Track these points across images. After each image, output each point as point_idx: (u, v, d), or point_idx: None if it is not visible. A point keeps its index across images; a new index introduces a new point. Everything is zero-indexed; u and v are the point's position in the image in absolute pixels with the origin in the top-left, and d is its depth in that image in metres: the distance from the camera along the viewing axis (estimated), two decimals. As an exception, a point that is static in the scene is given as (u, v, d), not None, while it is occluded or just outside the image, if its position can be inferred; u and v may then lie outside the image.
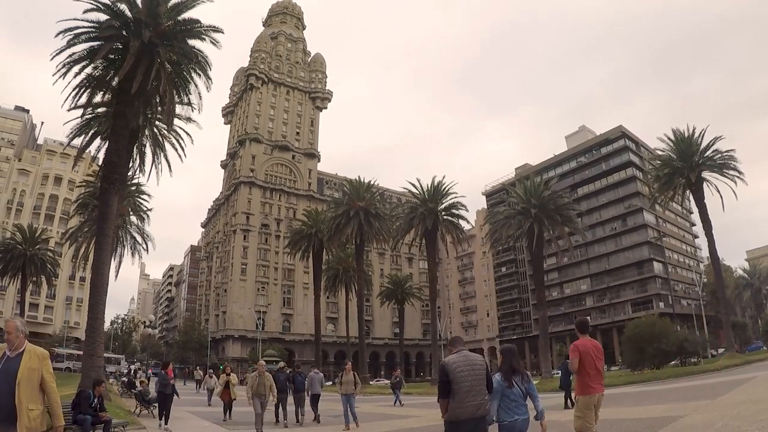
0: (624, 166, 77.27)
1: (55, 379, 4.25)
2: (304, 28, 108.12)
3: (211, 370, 31.94)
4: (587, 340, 6.73)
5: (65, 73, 19.38)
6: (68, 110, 19.87)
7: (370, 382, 46.24)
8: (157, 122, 24.12)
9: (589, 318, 76.50)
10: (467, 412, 4.97)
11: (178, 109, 21.60)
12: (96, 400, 10.10)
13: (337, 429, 13.20)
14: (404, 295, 64.80)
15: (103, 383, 11.13)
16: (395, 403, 23.48)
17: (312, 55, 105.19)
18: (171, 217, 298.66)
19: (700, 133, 38.69)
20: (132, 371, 35.95)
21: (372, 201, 47.64)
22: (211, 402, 21.80)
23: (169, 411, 13.85)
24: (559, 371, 18.54)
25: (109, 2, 19.40)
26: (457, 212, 45.43)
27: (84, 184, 38.59)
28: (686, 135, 38.94)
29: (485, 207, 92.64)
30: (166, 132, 24.39)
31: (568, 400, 16.13)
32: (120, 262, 36.16)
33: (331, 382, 43.32)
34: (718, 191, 37.64)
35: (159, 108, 21.28)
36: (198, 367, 49.38)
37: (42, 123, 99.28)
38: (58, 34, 18.88)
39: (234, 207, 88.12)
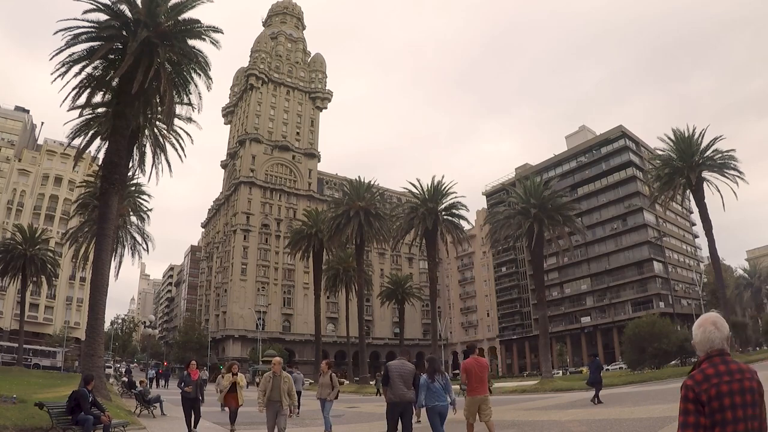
0: (624, 165, 77.20)
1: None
2: (304, 28, 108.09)
3: (223, 371, 29.91)
4: (473, 359, 9.02)
5: (65, 73, 19.37)
6: (68, 110, 19.90)
7: (371, 382, 46.17)
8: (157, 122, 24.12)
9: (589, 318, 76.63)
10: (397, 397, 7.93)
11: (178, 109, 21.65)
12: (91, 396, 10.05)
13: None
14: (404, 295, 64.73)
15: (93, 378, 11.01)
16: None
17: (312, 55, 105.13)
18: (171, 217, 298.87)
19: (701, 133, 38.68)
20: (126, 371, 35.74)
21: (372, 201, 47.59)
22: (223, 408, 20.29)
23: (197, 420, 11.79)
24: (589, 369, 18.88)
25: (109, 2, 19.40)
26: (457, 212, 45.41)
27: (84, 184, 38.57)
28: (686, 135, 38.89)
29: (485, 207, 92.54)
30: (166, 132, 24.37)
31: (596, 398, 16.56)
32: (120, 262, 36.23)
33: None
34: (719, 191, 37.63)
35: (159, 108, 21.28)
36: (204, 368, 49.09)
37: (42, 123, 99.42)
38: (56, 32, 18.88)
39: (234, 207, 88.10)
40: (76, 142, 23.23)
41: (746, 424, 2.17)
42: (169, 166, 25.40)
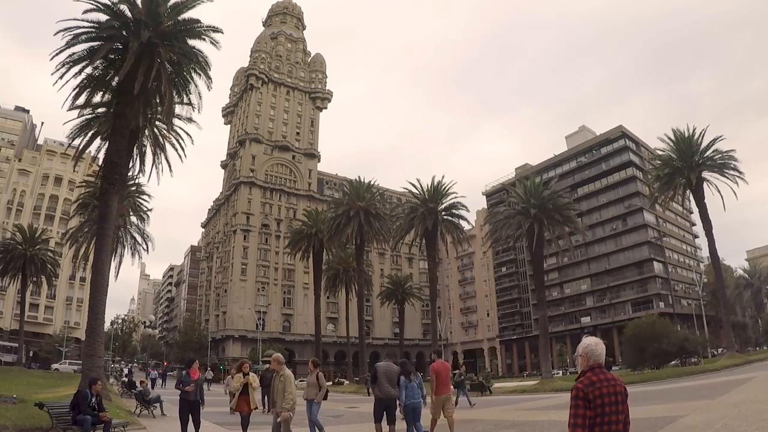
0: (624, 166, 77.16)
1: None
2: (304, 29, 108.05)
3: (233, 371, 25.04)
4: (440, 362, 10.60)
5: (65, 73, 19.32)
6: (68, 110, 19.86)
7: (370, 382, 46.12)
8: (157, 122, 24.08)
9: (589, 318, 76.54)
10: (384, 394, 9.32)
11: (179, 109, 21.62)
12: (94, 399, 9.93)
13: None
14: (404, 295, 64.69)
15: (99, 381, 10.82)
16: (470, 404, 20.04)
17: (312, 56, 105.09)
18: (171, 217, 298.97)
19: (701, 133, 38.73)
20: (127, 371, 35.77)
21: (372, 201, 47.55)
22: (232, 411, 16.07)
23: (197, 428, 10.07)
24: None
25: (109, 2, 19.36)
26: (457, 212, 45.38)
27: (84, 184, 38.54)
28: (686, 135, 38.93)
29: (485, 207, 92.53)
30: (166, 132, 24.34)
31: None
32: (120, 262, 36.21)
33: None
34: (719, 191, 37.67)
35: (159, 108, 21.26)
36: (209, 367, 49.06)
37: (42, 123, 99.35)
38: (57, 33, 18.84)
39: (234, 207, 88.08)
40: (76, 142, 23.20)
41: (617, 416, 3.27)
42: (169, 166, 25.38)
